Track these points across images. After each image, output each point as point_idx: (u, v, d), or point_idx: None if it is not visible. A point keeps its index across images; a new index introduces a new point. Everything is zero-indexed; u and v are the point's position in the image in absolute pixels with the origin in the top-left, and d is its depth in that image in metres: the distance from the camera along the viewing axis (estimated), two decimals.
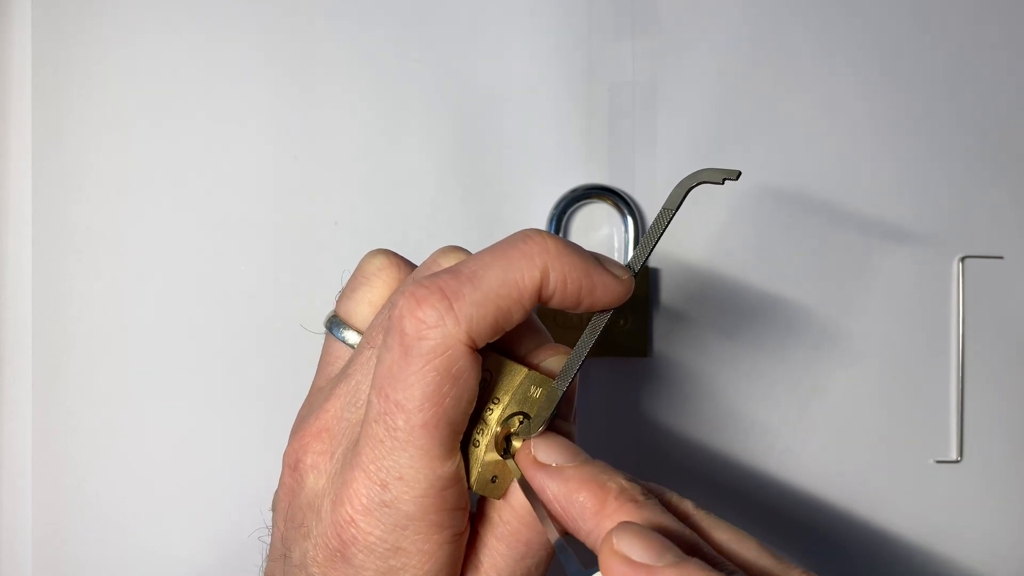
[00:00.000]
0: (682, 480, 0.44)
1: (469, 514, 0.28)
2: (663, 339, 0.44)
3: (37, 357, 0.43)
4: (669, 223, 0.28)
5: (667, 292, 0.44)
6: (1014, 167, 0.46)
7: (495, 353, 0.28)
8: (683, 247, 0.44)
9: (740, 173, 0.27)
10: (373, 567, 0.26)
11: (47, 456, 0.43)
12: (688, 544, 0.24)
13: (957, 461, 0.46)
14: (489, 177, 0.44)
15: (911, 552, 0.46)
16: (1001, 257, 0.46)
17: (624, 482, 0.26)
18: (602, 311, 0.28)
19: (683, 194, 0.27)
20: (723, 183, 0.27)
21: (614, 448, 0.44)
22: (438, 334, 0.25)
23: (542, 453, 0.27)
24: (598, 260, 0.27)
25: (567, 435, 0.28)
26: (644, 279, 0.43)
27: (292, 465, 0.28)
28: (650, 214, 0.44)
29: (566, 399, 0.28)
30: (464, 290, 0.25)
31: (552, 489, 0.26)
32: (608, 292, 0.27)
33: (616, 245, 0.44)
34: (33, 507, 0.43)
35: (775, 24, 0.45)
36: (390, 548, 0.26)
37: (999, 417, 0.46)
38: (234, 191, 0.44)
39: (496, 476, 0.27)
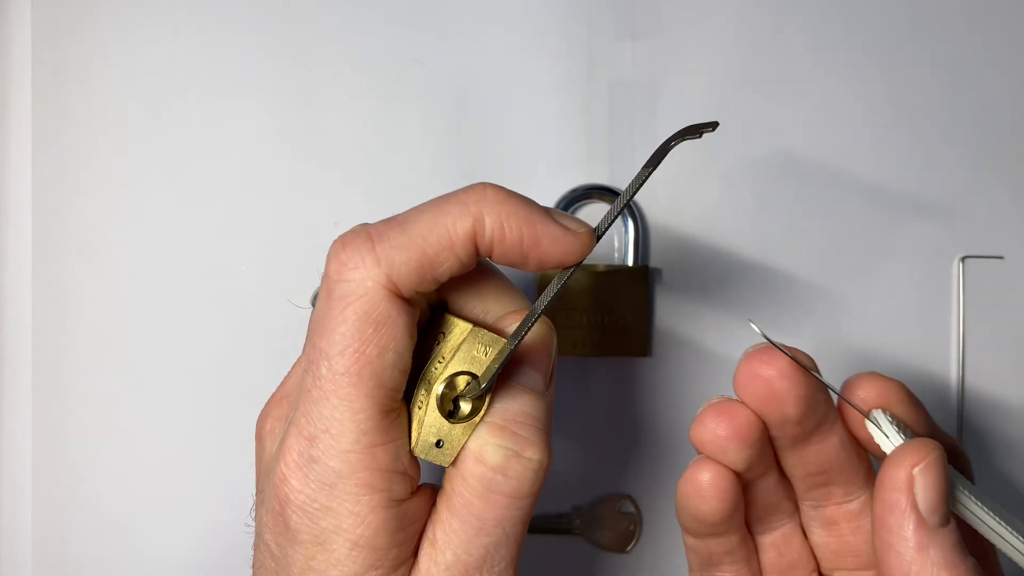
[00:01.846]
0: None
1: (421, 483, 0.27)
2: (663, 339, 0.44)
3: (37, 357, 0.43)
4: (644, 182, 0.26)
5: (667, 292, 0.44)
6: (1015, 167, 0.46)
7: (448, 314, 0.27)
8: (683, 247, 0.44)
9: (717, 124, 0.26)
10: (306, 529, 0.25)
11: (47, 456, 0.43)
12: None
13: None
14: (489, 177, 0.44)
15: None
16: (1001, 257, 0.46)
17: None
18: (562, 269, 0.26)
19: (663, 154, 0.26)
20: (701, 136, 0.26)
21: (614, 448, 0.44)
22: (356, 275, 0.25)
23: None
24: (546, 211, 0.26)
25: (546, 404, 0.27)
26: (644, 279, 0.43)
27: (257, 434, 0.28)
28: (650, 214, 0.44)
29: (538, 362, 0.27)
30: (390, 233, 0.25)
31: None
32: (557, 244, 0.25)
33: (616, 245, 0.44)
34: (33, 507, 0.43)
35: (775, 24, 0.45)
36: (320, 508, 0.25)
37: (1000, 418, 0.46)
38: (234, 191, 0.44)
39: (441, 440, 0.26)
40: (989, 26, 0.46)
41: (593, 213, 0.44)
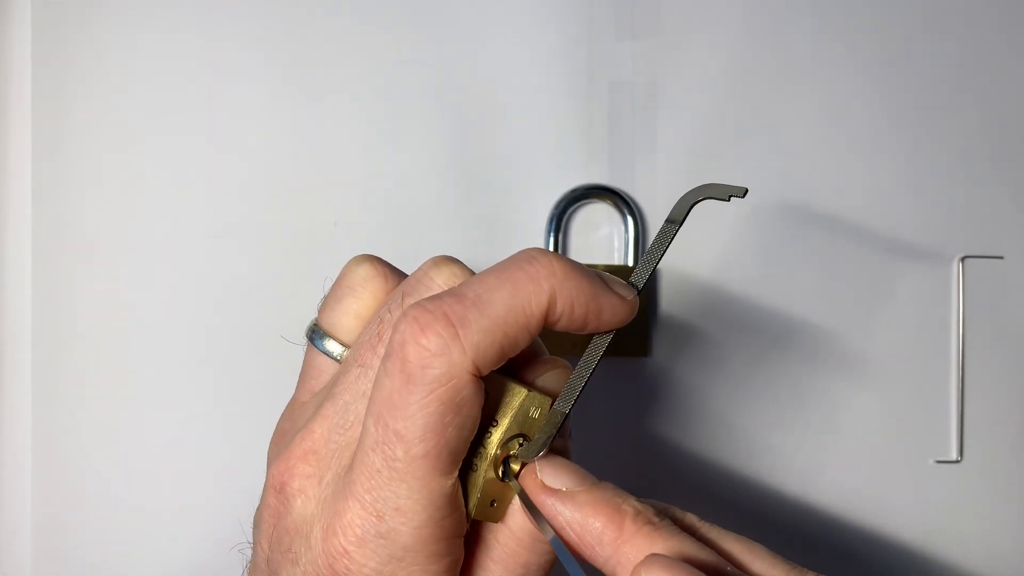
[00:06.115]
0: (679, 480, 0.44)
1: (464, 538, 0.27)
2: (663, 339, 0.44)
3: (37, 358, 0.43)
4: (673, 238, 0.27)
5: (667, 291, 0.44)
6: (1014, 167, 0.46)
7: (497, 374, 0.27)
8: (683, 246, 0.44)
9: (747, 191, 0.26)
10: None
11: (47, 456, 0.43)
12: (712, 567, 0.24)
13: (957, 461, 0.46)
14: (489, 177, 0.44)
15: (911, 552, 0.46)
16: (1001, 257, 0.46)
17: (637, 504, 0.25)
18: (606, 331, 0.27)
19: (687, 209, 0.26)
20: (728, 200, 0.26)
21: (612, 448, 0.44)
22: (443, 363, 0.24)
23: (550, 478, 0.26)
24: (604, 281, 0.26)
25: (563, 451, 0.28)
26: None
27: (277, 488, 0.27)
28: (650, 214, 0.44)
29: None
30: (470, 316, 0.24)
31: (565, 515, 0.25)
32: (616, 314, 0.26)
33: (616, 245, 0.44)
34: (33, 507, 0.43)
35: (775, 24, 0.45)
36: None
37: (999, 417, 0.46)
38: (234, 191, 0.44)
39: (495, 500, 0.27)
40: (989, 26, 0.46)
41: (592, 213, 0.44)
